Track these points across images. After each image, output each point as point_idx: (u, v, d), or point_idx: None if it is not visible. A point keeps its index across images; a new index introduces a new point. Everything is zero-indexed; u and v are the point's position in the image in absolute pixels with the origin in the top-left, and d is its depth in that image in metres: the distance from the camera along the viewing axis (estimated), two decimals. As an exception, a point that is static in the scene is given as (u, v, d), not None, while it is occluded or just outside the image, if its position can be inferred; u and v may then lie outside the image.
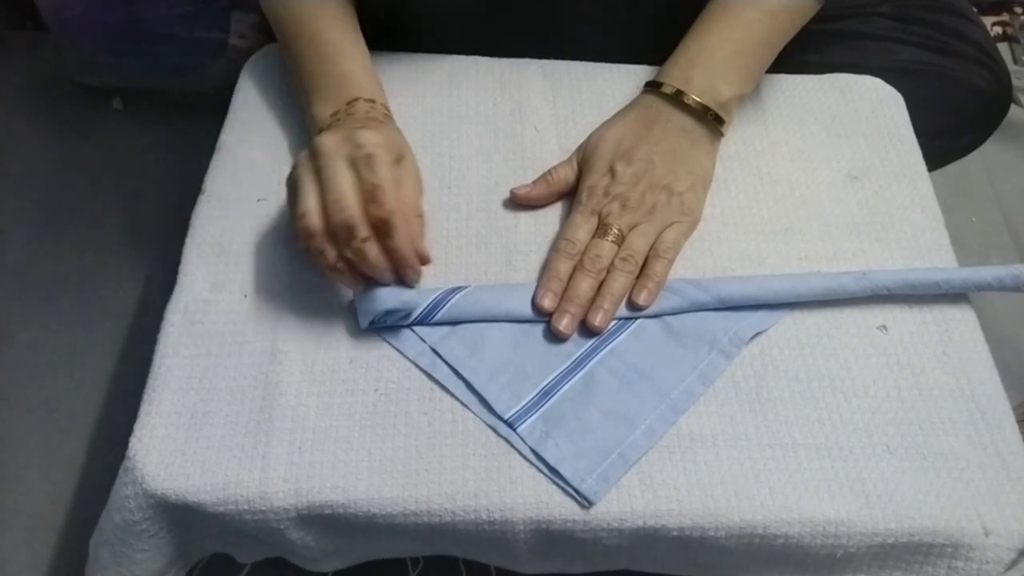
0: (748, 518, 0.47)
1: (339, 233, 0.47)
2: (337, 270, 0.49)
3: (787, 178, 0.62)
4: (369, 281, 0.50)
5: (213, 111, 0.64)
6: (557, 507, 0.47)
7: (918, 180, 0.62)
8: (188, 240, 0.56)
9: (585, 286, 0.53)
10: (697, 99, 0.58)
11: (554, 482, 0.47)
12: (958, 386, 0.53)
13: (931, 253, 0.59)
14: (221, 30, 0.97)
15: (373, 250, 0.47)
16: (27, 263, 0.94)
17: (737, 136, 0.63)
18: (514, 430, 0.49)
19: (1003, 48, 1.20)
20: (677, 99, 0.58)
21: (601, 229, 0.55)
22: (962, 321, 0.55)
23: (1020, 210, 1.05)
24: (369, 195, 0.47)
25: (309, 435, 0.48)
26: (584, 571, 0.54)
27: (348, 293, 0.54)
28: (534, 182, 0.59)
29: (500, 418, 0.49)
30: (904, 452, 0.50)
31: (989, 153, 1.08)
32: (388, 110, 0.57)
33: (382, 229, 0.47)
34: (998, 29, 1.22)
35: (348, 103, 0.55)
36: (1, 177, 1.00)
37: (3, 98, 1.08)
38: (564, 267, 0.54)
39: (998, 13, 1.23)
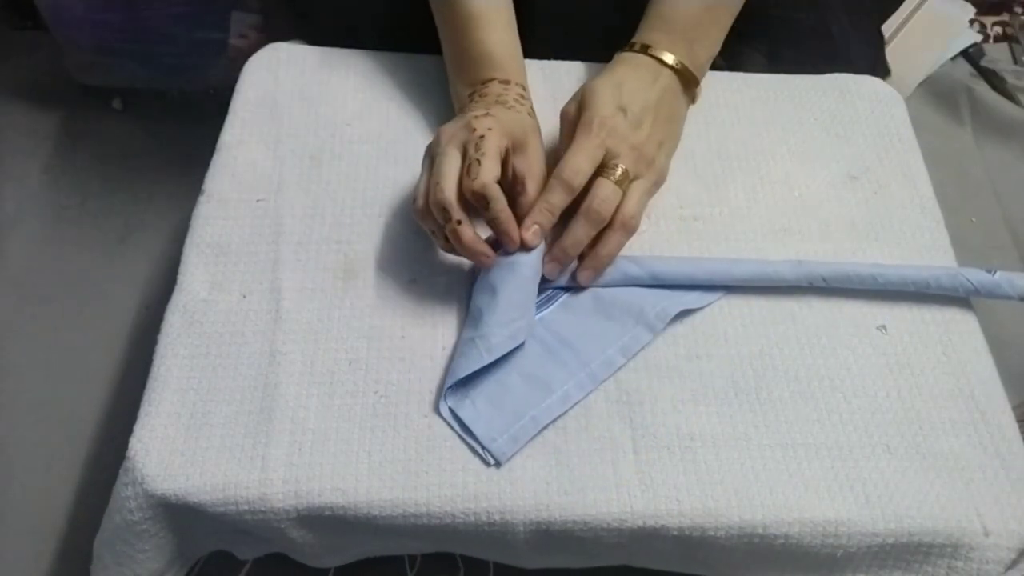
0: (748, 518, 0.47)
1: (437, 213, 0.48)
2: (447, 249, 0.51)
3: (787, 178, 0.62)
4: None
5: (213, 111, 0.64)
6: (557, 509, 0.47)
7: (918, 180, 0.62)
8: (188, 240, 0.56)
9: (583, 235, 0.52)
10: (682, 62, 0.56)
11: (466, 442, 0.48)
12: (958, 386, 0.53)
13: (931, 253, 0.59)
14: (221, 30, 0.97)
15: (467, 232, 0.48)
16: (27, 263, 0.94)
17: (737, 136, 0.63)
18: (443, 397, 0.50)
19: (1003, 48, 1.20)
20: (663, 61, 0.56)
21: (609, 167, 0.52)
22: (962, 321, 0.55)
23: (1020, 210, 1.05)
24: (466, 171, 0.48)
25: (308, 436, 0.49)
26: (584, 566, 0.54)
27: (345, 294, 0.54)
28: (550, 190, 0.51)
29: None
30: (904, 452, 0.50)
31: (989, 153, 1.08)
32: (524, 89, 0.57)
33: (477, 201, 0.48)
34: (998, 29, 1.22)
35: (483, 83, 0.55)
36: (1, 177, 1.00)
37: (3, 98, 1.08)
38: (559, 200, 0.51)
39: (998, 13, 1.23)
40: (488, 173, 0.48)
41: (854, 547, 0.48)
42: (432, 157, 0.50)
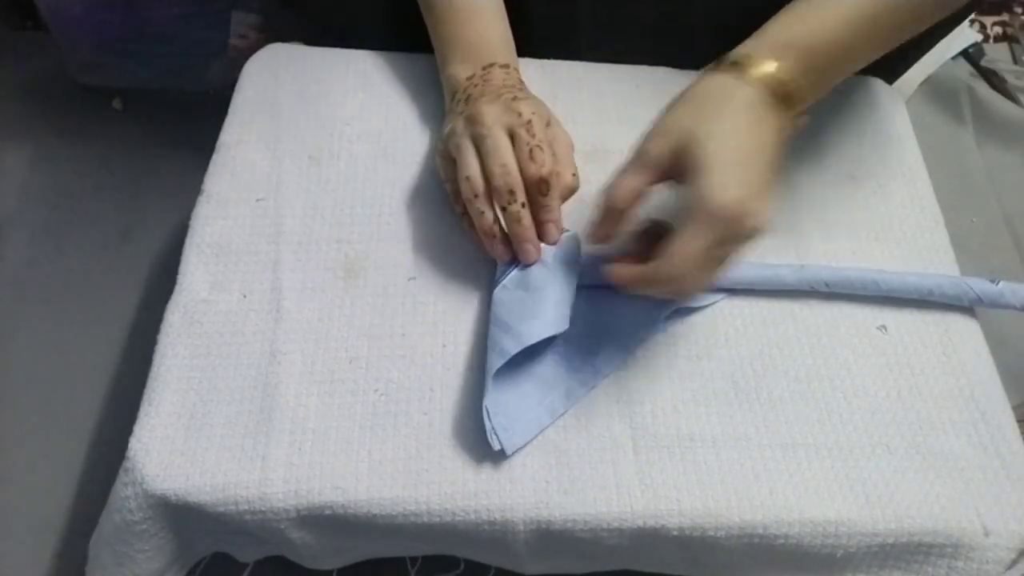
0: (748, 518, 0.47)
1: (501, 196, 0.50)
2: (492, 233, 0.51)
3: (787, 178, 0.62)
4: (512, 255, 0.52)
5: (213, 111, 0.64)
6: (557, 507, 0.47)
7: (918, 180, 0.62)
8: (188, 240, 0.56)
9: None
10: (802, 109, 0.48)
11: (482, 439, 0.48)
12: (958, 386, 0.53)
13: (931, 253, 0.59)
14: (221, 30, 0.97)
15: (528, 216, 0.50)
16: (27, 263, 0.94)
17: (737, 136, 0.63)
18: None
19: (1003, 48, 1.20)
20: (790, 103, 0.47)
21: None
22: (962, 321, 0.55)
23: (1020, 210, 1.05)
24: (528, 156, 0.50)
25: (309, 436, 0.49)
26: (584, 571, 0.54)
27: (346, 293, 0.54)
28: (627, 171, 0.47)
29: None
30: (904, 452, 0.50)
31: (989, 153, 1.08)
32: (520, 76, 0.58)
33: (539, 187, 0.50)
34: (998, 29, 1.22)
35: (484, 68, 0.57)
36: (1, 177, 1.00)
37: (3, 98, 1.08)
38: (648, 288, 0.46)
39: (998, 13, 1.23)
40: (551, 161, 0.50)
41: (854, 547, 0.48)
42: (473, 138, 0.51)
